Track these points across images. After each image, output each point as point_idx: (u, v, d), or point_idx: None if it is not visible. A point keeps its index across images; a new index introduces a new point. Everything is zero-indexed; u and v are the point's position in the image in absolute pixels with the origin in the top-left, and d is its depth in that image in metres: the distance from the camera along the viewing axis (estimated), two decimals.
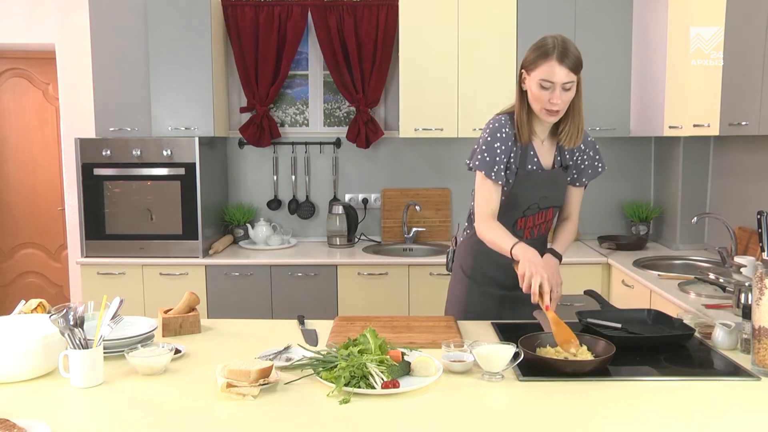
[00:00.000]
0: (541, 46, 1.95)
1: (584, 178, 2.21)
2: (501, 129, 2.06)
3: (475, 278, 2.24)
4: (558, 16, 3.69)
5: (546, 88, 1.94)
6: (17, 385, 1.57)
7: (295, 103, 4.15)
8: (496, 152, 2.04)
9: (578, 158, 2.17)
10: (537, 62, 1.94)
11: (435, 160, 4.13)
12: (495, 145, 2.05)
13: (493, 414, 1.44)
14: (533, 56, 1.96)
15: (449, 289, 2.36)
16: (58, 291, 4.70)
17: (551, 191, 2.15)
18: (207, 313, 3.57)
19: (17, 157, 4.60)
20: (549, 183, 2.13)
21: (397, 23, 3.77)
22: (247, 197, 4.18)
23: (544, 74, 1.93)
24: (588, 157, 2.19)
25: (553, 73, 1.92)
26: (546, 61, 1.92)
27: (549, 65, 1.92)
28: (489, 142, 2.05)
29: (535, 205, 2.13)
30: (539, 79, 1.94)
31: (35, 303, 1.95)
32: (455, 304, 2.29)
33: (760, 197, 3.13)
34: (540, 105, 1.98)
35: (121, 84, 3.72)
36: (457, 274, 2.31)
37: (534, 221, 2.17)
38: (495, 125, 2.07)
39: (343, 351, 1.61)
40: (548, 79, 1.92)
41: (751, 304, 1.66)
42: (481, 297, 2.23)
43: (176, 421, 1.39)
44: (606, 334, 1.80)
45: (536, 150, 2.11)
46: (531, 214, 2.15)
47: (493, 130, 2.06)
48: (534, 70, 1.95)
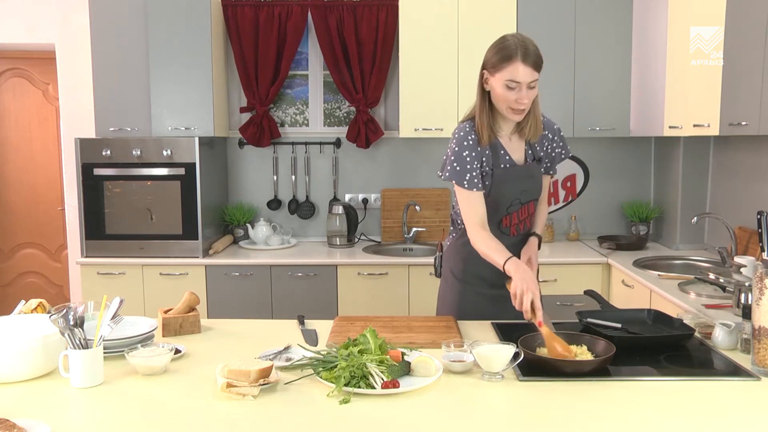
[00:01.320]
0: (504, 47, 1.98)
1: (555, 165, 2.29)
2: (467, 137, 2.09)
3: (467, 280, 2.25)
4: (558, 16, 3.70)
5: (512, 88, 1.98)
6: (17, 385, 1.57)
7: (295, 103, 4.15)
8: (465, 160, 2.07)
9: (548, 147, 2.23)
10: (501, 64, 1.97)
11: (435, 160, 4.12)
12: (464, 153, 2.07)
13: (493, 414, 1.44)
14: (496, 58, 1.99)
15: (439, 294, 2.36)
16: (58, 291, 4.70)
17: (529, 185, 2.18)
18: (207, 313, 3.57)
19: (17, 157, 4.60)
20: (526, 177, 2.16)
21: (397, 23, 3.77)
22: (247, 197, 4.19)
23: (510, 75, 1.97)
24: (557, 145, 2.25)
25: (518, 73, 1.96)
26: (511, 63, 1.96)
27: (514, 66, 1.96)
28: (457, 152, 2.08)
29: (516, 201, 2.16)
30: (505, 80, 1.97)
31: (35, 303, 1.95)
32: (448, 308, 2.29)
33: (760, 197, 3.13)
34: (506, 104, 2.02)
35: (121, 84, 3.72)
36: (448, 278, 2.32)
37: (519, 217, 2.19)
38: (460, 134, 2.10)
39: (343, 351, 1.61)
40: (514, 80, 1.96)
41: (751, 304, 1.67)
42: (473, 298, 2.24)
43: (176, 421, 1.39)
44: (606, 334, 1.80)
45: (506, 148, 2.13)
46: (514, 211, 2.17)
47: (459, 139, 2.09)
48: (498, 72, 1.98)
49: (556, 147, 2.24)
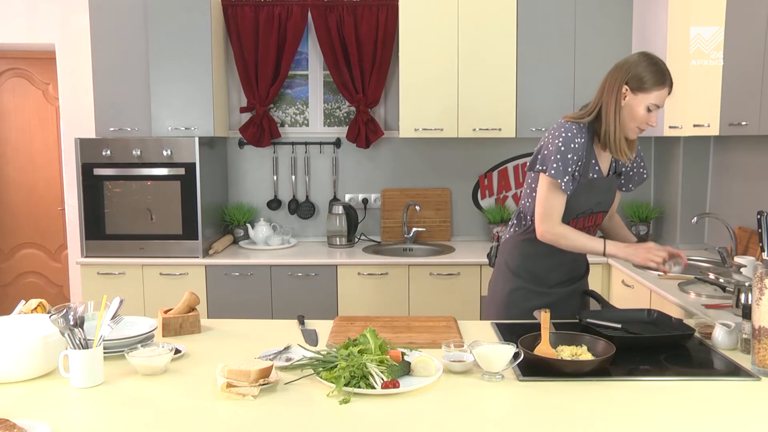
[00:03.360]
0: (658, 71, 2.01)
1: (631, 184, 2.30)
2: (575, 138, 2.07)
3: (521, 275, 2.25)
4: (558, 16, 3.70)
5: (651, 110, 2.03)
6: (17, 385, 1.57)
7: (295, 103, 4.15)
8: (569, 162, 2.05)
9: (627, 165, 2.25)
10: (653, 87, 2.01)
11: (435, 160, 4.13)
12: (569, 155, 2.05)
13: (493, 414, 1.44)
14: (651, 80, 2.01)
15: (490, 285, 2.38)
16: (58, 291, 4.70)
17: (606, 197, 2.21)
18: (207, 313, 3.57)
19: (17, 157, 4.60)
20: (605, 189, 2.20)
21: (397, 23, 3.77)
22: (247, 197, 4.18)
23: (656, 99, 2.02)
24: (636, 164, 2.27)
25: (662, 99, 2.03)
26: (663, 88, 2.02)
27: (663, 92, 2.02)
28: (563, 151, 2.05)
29: (589, 210, 2.18)
30: (650, 103, 2.02)
31: (35, 303, 1.95)
32: (496, 300, 2.30)
33: (760, 197, 3.13)
34: (636, 124, 2.05)
35: (121, 84, 3.72)
36: (501, 270, 2.32)
37: (584, 223, 2.21)
38: (568, 134, 2.07)
39: (343, 351, 1.61)
40: (658, 105, 2.02)
41: (751, 304, 1.67)
42: (524, 295, 2.24)
43: (176, 421, 1.39)
44: (606, 334, 1.80)
45: (597, 158, 2.14)
46: (582, 217, 2.19)
47: (567, 139, 2.06)
48: (644, 93, 2.01)
49: (635, 166, 2.27)
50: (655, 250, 2.03)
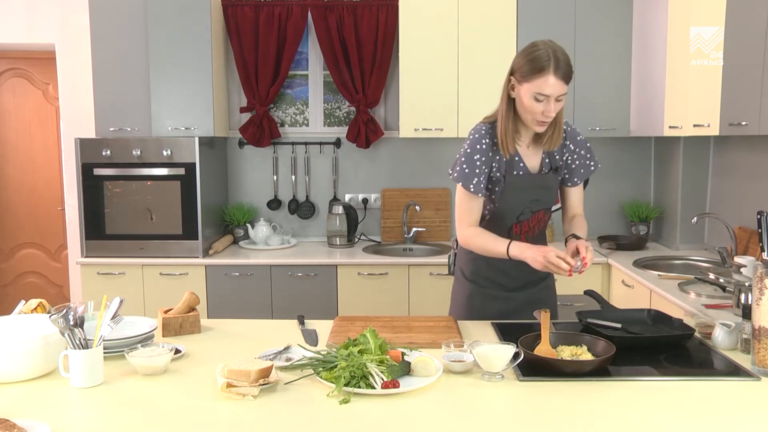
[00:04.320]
0: (535, 57, 1.90)
1: (576, 178, 2.20)
2: (481, 140, 2.06)
3: (476, 281, 2.24)
4: (558, 16, 3.69)
5: (540, 100, 1.92)
6: (17, 385, 1.57)
7: (295, 103, 4.15)
8: (475, 164, 2.05)
9: (568, 158, 2.17)
10: (532, 75, 1.90)
11: (435, 160, 4.12)
12: (475, 157, 2.05)
13: (493, 414, 1.44)
14: (527, 68, 1.92)
15: (452, 292, 2.36)
16: (58, 291, 4.70)
17: (542, 194, 2.14)
18: (207, 313, 3.57)
19: (17, 157, 4.60)
20: (538, 186, 2.13)
21: (397, 23, 3.77)
22: (247, 197, 4.18)
23: (539, 88, 1.90)
24: (579, 156, 2.17)
25: (547, 86, 1.89)
26: (542, 75, 1.89)
27: (544, 79, 1.89)
28: (468, 154, 2.06)
29: (528, 209, 2.14)
30: (534, 93, 1.91)
31: (35, 303, 1.95)
32: (458, 308, 2.29)
33: (760, 197, 3.13)
34: (532, 116, 1.96)
35: (121, 84, 3.72)
36: (459, 277, 2.31)
37: (529, 225, 2.18)
38: (475, 136, 2.07)
39: (343, 351, 1.61)
40: (543, 93, 1.90)
41: (751, 304, 1.67)
42: (483, 300, 2.23)
43: (176, 421, 1.39)
44: (606, 334, 1.80)
45: (521, 155, 2.10)
46: (525, 219, 2.15)
47: (472, 141, 2.07)
48: (528, 83, 1.92)
49: (577, 158, 2.16)
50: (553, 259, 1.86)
